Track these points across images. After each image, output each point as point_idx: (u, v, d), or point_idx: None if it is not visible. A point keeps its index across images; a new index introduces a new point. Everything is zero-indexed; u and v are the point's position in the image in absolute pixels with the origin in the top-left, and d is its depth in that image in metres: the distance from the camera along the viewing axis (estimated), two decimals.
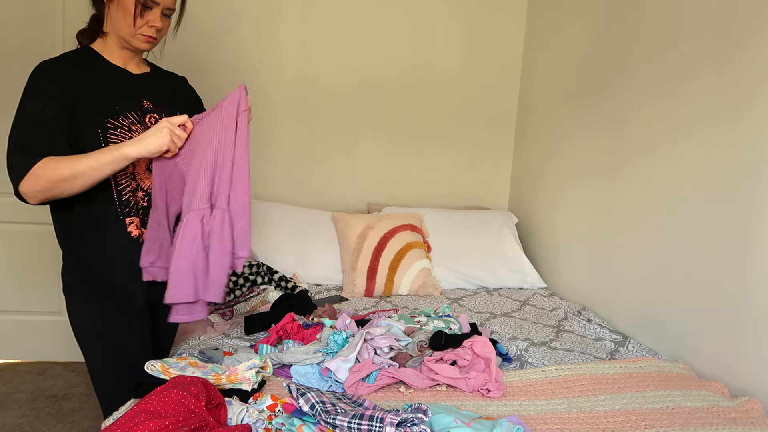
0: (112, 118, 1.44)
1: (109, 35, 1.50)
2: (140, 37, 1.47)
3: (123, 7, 1.43)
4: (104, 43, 1.51)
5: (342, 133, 2.94)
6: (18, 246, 2.78)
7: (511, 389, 1.52)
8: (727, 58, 1.69)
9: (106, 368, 1.57)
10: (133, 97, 1.51)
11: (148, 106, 1.53)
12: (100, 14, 1.49)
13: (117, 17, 1.44)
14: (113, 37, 1.49)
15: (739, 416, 1.42)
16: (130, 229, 1.50)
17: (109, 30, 1.49)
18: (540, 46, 2.87)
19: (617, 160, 2.19)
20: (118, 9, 1.43)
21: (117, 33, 1.47)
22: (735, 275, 1.64)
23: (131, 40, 1.48)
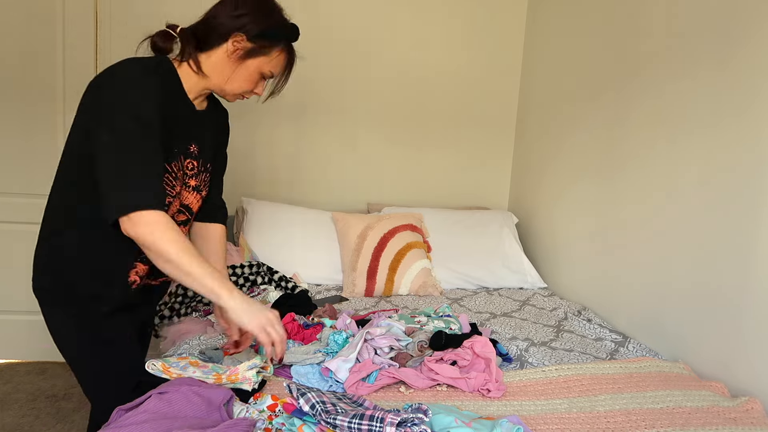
0: (168, 163, 1.34)
1: (207, 78, 1.38)
2: (239, 97, 1.44)
3: (248, 73, 1.38)
4: (193, 76, 1.38)
5: (342, 133, 2.94)
6: (18, 246, 2.78)
7: (511, 389, 1.52)
8: (727, 57, 1.69)
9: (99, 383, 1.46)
10: (188, 138, 1.41)
11: (193, 150, 1.42)
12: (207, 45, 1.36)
13: (238, 77, 1.38)
14: (210, 81, 1.39)
15: (739, 416, 1.42)
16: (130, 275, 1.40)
17: (212, 75, 1.37)
18: (540, 46, 2.87)
19: (617, 159, 2.19)
20: (242, 72, 1.38)
21: (223, 85, 1.39)
22: (735, 275, 1.64)
23: (230, 95, 1.42)
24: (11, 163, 2.70)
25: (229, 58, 1.36)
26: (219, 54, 1.37)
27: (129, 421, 1.11)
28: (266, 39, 1.37)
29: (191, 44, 1.36)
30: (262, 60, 1.39)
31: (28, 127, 2.69)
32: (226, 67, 1.38)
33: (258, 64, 1.39)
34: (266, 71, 1.42)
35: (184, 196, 1.45)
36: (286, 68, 1.46)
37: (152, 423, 1.09)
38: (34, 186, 2.72)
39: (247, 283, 2.18)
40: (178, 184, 1.39)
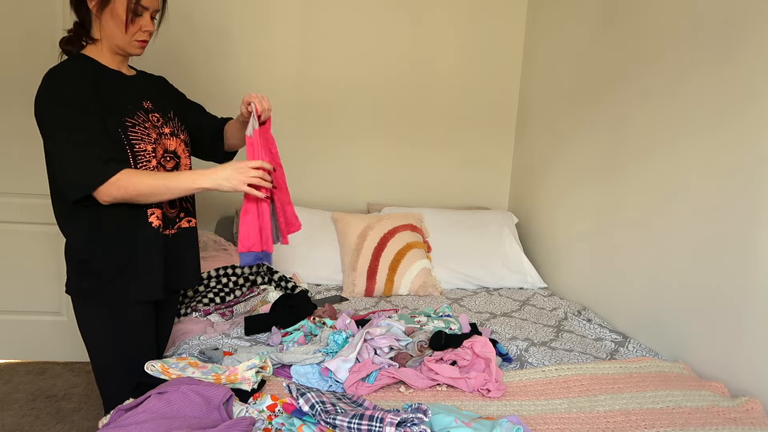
0: (128, 117, 1.48)
1: (101, 42, 1.52)
2: (135, 43, 1.52)
3: (115, 16, 1.46)
4: (98, 50, 1.53)
5: (342, 133, 2.94)
6: (18, 246, 2.78)
7: (511, 389, 1.52)
8: (727, 59, 1.69)
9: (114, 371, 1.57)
10: (135, 98, 1.55)
11: (148, 106, 1.57)
12: (86, 22, 1.51)
13: (110, 26, 1.48)
14: (106, 44, 1.52)
15: (739, 416, 1.42)
16: (151, 220, 1.52)
17: (101, 37, 1.51)
18: (540, 46, 2.87)
19: (617, 160, 2.19)
20: (111, 18, 1.46)
21: (111, 41, 1.50)
22: (735, 275, 1.64)
23: (126, 46, 1.52)
24: (11, 163, 2.70)
25: (97, 17, 1.48)
26: (93, 19, 1.50)
27: (128, 421, 1.11)
28: None
29: (78, 28, 1.52)
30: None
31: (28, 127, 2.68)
32: (105, 26, 1.48)
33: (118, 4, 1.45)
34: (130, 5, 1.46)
35: (166, 143, 1.57)
36: None
37: (152, 423, 1.09)
38: (34, 186, 2.71)
39: (247, 283, 2.18)
40: (153, 132, 1.53)
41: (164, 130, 1.58)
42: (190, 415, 1.15)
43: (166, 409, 1.15)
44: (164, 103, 1.63)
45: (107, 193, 1.40)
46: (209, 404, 1.19)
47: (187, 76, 2.69)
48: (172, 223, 1.61)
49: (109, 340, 1.55)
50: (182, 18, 2.67)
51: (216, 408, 1.19)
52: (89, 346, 1.57)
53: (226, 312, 2.05)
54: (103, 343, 1.55)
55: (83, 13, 1.50)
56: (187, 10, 2.68)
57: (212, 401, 1.20)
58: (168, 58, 2.65)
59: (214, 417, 1.17)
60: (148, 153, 1.50)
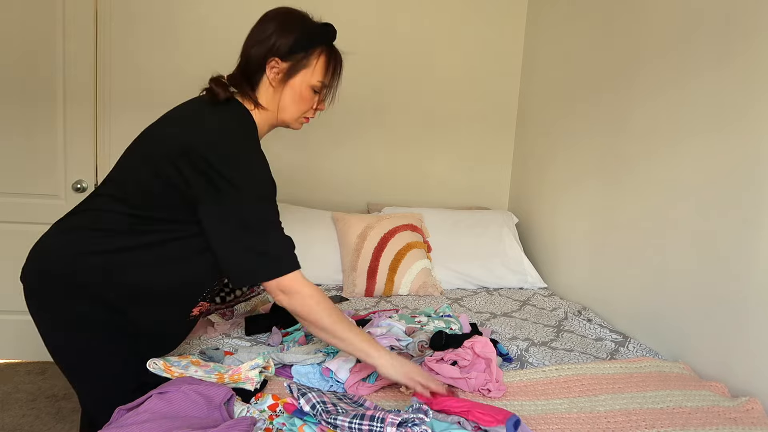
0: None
1: (269, 112, 1.37)
2: (302, 120, 1.41)
3: (297, 93, 1.35)
4: (259, 117, 1.36)
5: (342, 133, 2.94)
6: (18, 246, 2.77)
7: (511, 389, 1.52)
8: (727, 59, 1.69)
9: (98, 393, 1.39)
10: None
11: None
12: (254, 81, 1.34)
13: (287, 101, 1.35)
14: (271, 115, 1.37)
15: (740, 416, 1.42)
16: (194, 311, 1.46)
17: (270, 107, 1.36)
18: (540, 46, 2.87)
19: (617, 160, 2.19)
20: (291, 94, 1.35)
21: (281, 114, 1.37)
22: (735, 275, 1.64)
23: (292, 123, 1.40)
24: (11, 163, 2.70)
25: (273, 86, 1.34)
26: (265, 86, 1.35)
27: (130, 420, 1.11)
28: (299, 50, 1.32)
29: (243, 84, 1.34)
30: (305, 74, 1.34)
31: (28, 127, 2.69)
32: (275, 97, 1.34)
33: (302, 80, 1.34)
34: (314, 83, 1.36)
35: None
36: (333, 71, 1.40)
37: (153, 423, 1.09)
38: (34, 186, 2.71)
39: None
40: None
41: None
42: (191, 414, 1.15)
43: (167, 408, 1.15)
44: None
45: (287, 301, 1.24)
46: (210, 404, 1.19)
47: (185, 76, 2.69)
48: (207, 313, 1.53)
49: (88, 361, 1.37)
50: (181, 18, 2.67)
51: (217, 408, 1.19)
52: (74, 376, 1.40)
53: (227, 312, 2.05)
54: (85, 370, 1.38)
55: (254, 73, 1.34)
56: (185, 8, 2.68)
57: (213, 401, 1.20)
58: (167, 58, 2.65)
59: (215, 417, 1.17)
60: None
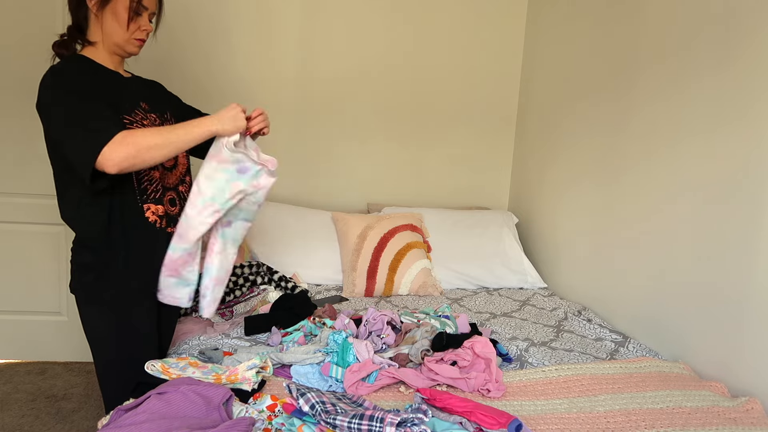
0: (126, 115, 1.49)
1: (99, 43, 1.53)
2: (134, 41, 1.54)
3: (116, 14, 1.49)
4: (95, 51, 1.54)
5: (342, 133, 2.94)
6: (18, 246, 2.78)
7: (511, 389, 1.52)
8: (729, 60, 1.69)
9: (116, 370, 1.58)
10: (133, 98, 1.55)
11: (145, 107, 1.57)
12: (83, 24, 1.52)
13: (110, 24, 1.49)
14: (104, 45, 1.53)
15: (739, 416, 1.42)
16: (147, 215, 1.53)
17: (98, 38, 1.52)
18: (540, 47, 2.87)
19: (617, 160, 2.19)
20: (112, 16, 1.49)
21: (110, 39, 1.52)
22: (735, 275, 1.64)
23: (125, 45, 1.53)
24: (11, 163, 2.70)
25: (97, 16, 1.49)
26: (92, 21, 1.51)
27: (128, 421, 1.11)
28: None
29: (74, 31, 1.52)
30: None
31: (28, 128, 2.69)
32: (105, 26, 1.49)
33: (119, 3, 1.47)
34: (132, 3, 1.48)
35: None
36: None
37: (151, 423, 1.09)
38: (34, 186, 2.71)
39: (247, 283, 2.18)
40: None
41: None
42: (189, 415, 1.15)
43: (165, 409, 1.15)
44: (161, 105, 1.65)
45: (112, 157, 1.33)
46: (209, 404, 1.19)
47: (185, 76, 2.69)
48: (174, 221, 1.61)
49: (113, 340, 1.55)
50: (181, 17, 2.67)
51: (216, 408, 1.19)
52: (93, 345, 1.58)
53: (226, 312, 2.05)
54: (107, 343, 1.56)
55: (81, 15, 1.51)
56: (185, 8, 2.68)
57: (212, 401, 1.20)
58: (167, 58, 2.65)
59: (214, 417, 1.17)
60: None
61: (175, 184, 1.64)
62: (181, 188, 1.66)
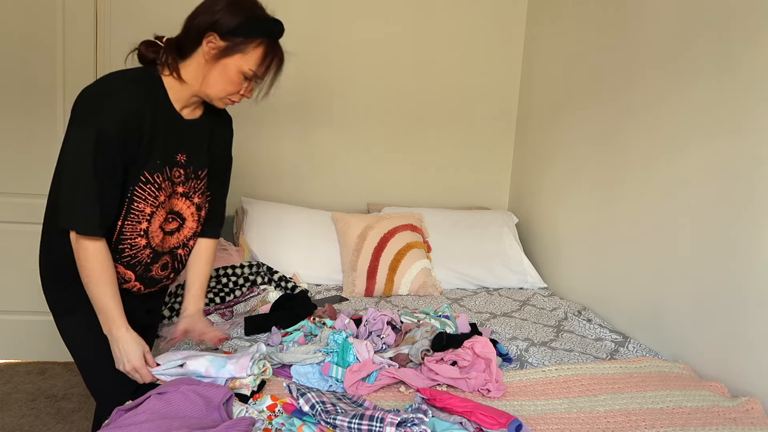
0: (148, 173, 1.36)
1: (189, 85, 1.38)
2: (226, 101, 1.41)
3: (226, 74, 1.35)
4: (177, 85, 1.38)
5: (342, 133, 2.94)
6: (18, 246, 2.78)
7: (511, 389, 1.52)
8: (730, 61, 1.69)
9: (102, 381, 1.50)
10: (175, 148, 1.42)
11: (180, 159, 1.44)
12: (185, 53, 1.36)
13: (215, 80, 1.36)
14: (192, 87, 1.38)
15: (739, 416, 1.42)
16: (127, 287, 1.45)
17: (191, 79, 1.37)
18: (540, 47, 2.87)
19: (617, 160, 2.19)
20: (221, 74, 1.35)
21: (205, 90, 1.37)
22: (735, 275, 1.64)
23: (216, 101, 1.40)
24: (11, 163, 2.70)
25: (206, 60, 1.34)
26: (197, 58, 1.35)
27: (128, 421, 1.11)
28: (239, 35, 1.32)
29: (171, 52, 1.36)
30: (239, 58, 1.34)
31: (28, 127, 2.69)
32: (203, 70, 1.35)
33: (236, 63, 1.34)
34: (246, 70, 1.35)
35: (173, 203, 1.46)
36: (270, 65, 1.39)
37: (151, 423, 1.09)
38: (34, 186, 2.71)
39: (246, 283, 2.18)
40: (162, 194, 1.41)
41: (178, 189, 1.45)
42: (190, 415, 1.15)
43: (165, 409, 1.15)
44: (201, 160, 1.49)
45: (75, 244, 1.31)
46: (209, 404, 1.19)
47: None
48: (156, 283, 1.52)
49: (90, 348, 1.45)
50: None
51: (216, 408, 1.19)
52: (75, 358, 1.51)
53: (226, 312, 2.05)
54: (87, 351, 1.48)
55: (189, 46, 1.35)
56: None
57: (212, 401, 1.19)
58: None
59: (214, 417, 1.17)
60: (143, 215, 1.38)
61: (174, 246, 1.52)
62: (180, 252, 1.55)
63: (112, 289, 1.34)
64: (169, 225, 1.48)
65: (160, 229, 1.46)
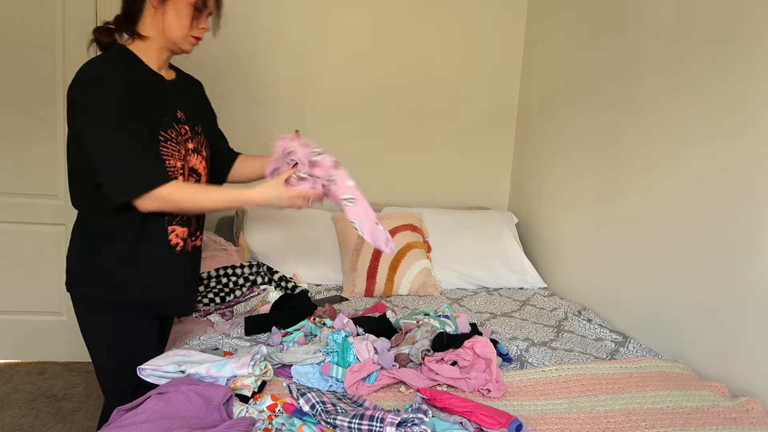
0: (163, 131, 1.45)
1: (152, 38, 1.46)
2: (191, 39, 1.49)
3: (178, 11, 1.43)
4: (144, 46, 1.47)
5: (341, 133, 2.94)
6: (18, 246, 2.78)
7: (511, 389, 1.52)
8: (731, 64, 1.69)
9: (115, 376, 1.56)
10: (172, 107, 1.51)
11: (181, 116, 1.52)
12: (135, 15, 1.45)
13: (171, 20, 1.44)
14: (157, 40, 1.47)
15: (739, 416, 1.42)
16: (171, 238, 1.51)
17: (152, 33, 1.46)
18: (540, 46, 2.87)
19: (617, 160, 2.19)
20: (174, 12, 1.43)
21: (168, 35, 1.46)
22: (735, 275, 1.64)
23: (182, 42, 1.48)
24: (11, 163, 2.70)
25: (155, 8, 1.43)
26: (148, 12, 1.45)
27: (129, 421, 1.11)
28: None
29: (124, 22, 1.46)
30: None
31: (28, 127, 2.69)
32: (158, 20, 1.44)
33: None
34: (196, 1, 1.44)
35: (189, 160, 1.54)
36: None
37: (152, 423, 1.09)
38: (34, 186, 2.72)
39: (247, 283, 2.18)
40: (182, 148, 1.50)
41: (188, 146, 1.54)
42: (190, 415, 1.15)
43: (166, 409, 1.15)
44: (195, 116, 1.59)
45: (148, 202, 1.37)
46: (209, 404, 1.19)
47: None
48: (193, 238, 1.59)
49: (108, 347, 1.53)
50: None
51: (216, 408, 1.19)
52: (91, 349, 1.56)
53: (226, 312, 2.05)
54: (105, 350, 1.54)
55: (137, 6, 1.44)
56: None
57: (212, 401, 1.20)
58: None
59: (214, 417, 1.17)
60: (177, 170, 1.47)
61: None
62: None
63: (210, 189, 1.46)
64: (190, 180, 1.57)
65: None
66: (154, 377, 1.33)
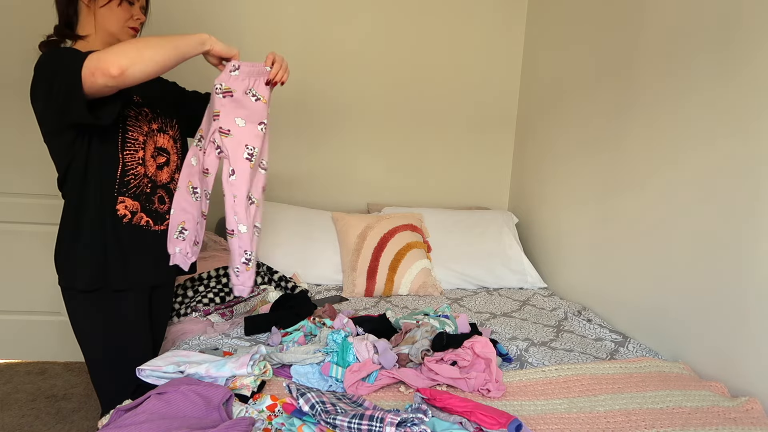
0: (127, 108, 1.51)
1: (91, 36, 1.54)
2: (127, 30, 1.56)
3: (110, 6, 1.52)
4: (86, 45, 1.54)
5: (342, 133, 2.94)
6: (18, 246, 2.78)
7: (511, 389, 1.52)
8: (731, 64, 1.69)
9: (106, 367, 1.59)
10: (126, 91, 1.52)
11: (138, 100, 1.58)
12: (72, 20, 1.54)
13: (104, 14, 1.52)
14: (96, 37, 1.54)
15: (739, 416, 1.42)
16: (118, 207, 1.53)
17: (90, 31, 1.54)
18: (540, 47, 2.87)
19: (618, 159, 2.19)
20: (105, 7, 1.51)
21: (104, 29, 1.53)
22: (735, 275, 1.64)
23: (119, 33, 1.55)
24: (11, 163, 2.70)
25: (88, 7, 1.52)
26: (82, 13, 1.53)
27: (128, 421, 1.11)
28: None
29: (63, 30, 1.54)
30: None
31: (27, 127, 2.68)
32: (92, 17, 1.52)
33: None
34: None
35: (156, 139, 1.61)
36: None
37: (151, 423, 1.09)
38: (34, 186, 2.72)
39: None
40: (144, 125, 1.57)
41: (153, 126, 1.60)
42: (189, 415, 1.15)
43: (165, 409, 1.15)
44: (152, 99, 1.64)
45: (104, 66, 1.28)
46: (209, 404, 1.19)
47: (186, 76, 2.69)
48: (162, 219, 1.61)
49: (99, 334, 1.56)
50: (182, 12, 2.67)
51: (216, 408, 1.19)
52: (81, 341, 1.58)
53: (226, 312, 2.05)
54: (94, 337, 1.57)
55: (71, 10, 1.53)
56: (191, 10, 2.68)
57: (212, 401, 1.20)
58: None
59: (214, 417, 1.17)
60: (138, 143, 1.54)
61: (166, 181, 1.64)
62: (171, 185, 1.66)
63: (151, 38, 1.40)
64: (159, 159, 1.62)
65: (153, 159, 1.59)
66: (153, 378, 1.33)
